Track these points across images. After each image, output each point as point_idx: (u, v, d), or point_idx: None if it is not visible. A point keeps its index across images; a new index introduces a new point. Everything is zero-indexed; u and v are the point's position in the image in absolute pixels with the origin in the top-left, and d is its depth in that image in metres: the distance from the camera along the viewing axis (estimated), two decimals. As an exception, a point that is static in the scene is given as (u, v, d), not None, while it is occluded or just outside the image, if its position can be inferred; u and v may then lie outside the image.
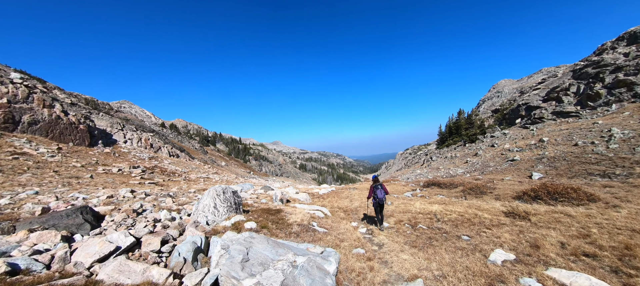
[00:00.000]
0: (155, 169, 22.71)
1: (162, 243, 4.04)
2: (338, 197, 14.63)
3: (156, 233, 4.35)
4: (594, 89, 26.08)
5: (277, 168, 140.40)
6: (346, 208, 10.62)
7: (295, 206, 9.52)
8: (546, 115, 30.20)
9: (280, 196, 10.87)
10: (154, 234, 4.27)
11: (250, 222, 5.57)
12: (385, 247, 6.00)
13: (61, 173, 13.01)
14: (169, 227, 4.86)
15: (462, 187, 16.54)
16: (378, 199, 6.99)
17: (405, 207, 10.37)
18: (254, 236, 4.24)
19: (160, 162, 28.81)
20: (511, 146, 25.64)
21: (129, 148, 31.29)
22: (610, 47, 31.07)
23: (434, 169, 33.90)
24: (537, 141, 23.01)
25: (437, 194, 16.26)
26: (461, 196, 14.88)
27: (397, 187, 20.42)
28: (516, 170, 19.02)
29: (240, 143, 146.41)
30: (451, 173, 25.54)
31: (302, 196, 12.97)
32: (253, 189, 14.16)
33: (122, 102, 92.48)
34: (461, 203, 11.16)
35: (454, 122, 57.38)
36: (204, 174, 29.65)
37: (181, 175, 24.25)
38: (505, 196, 12.58)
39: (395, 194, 17.29)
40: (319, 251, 4.35)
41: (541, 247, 5.45)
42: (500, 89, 65.53)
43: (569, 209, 7.89)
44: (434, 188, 18.40)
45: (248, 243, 3.94)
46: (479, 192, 14.22)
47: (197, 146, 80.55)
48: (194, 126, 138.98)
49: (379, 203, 7.06)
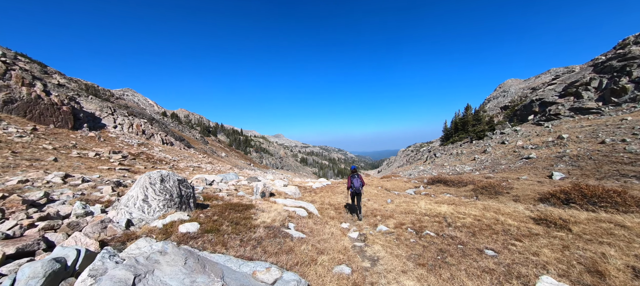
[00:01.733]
0: (140, 156, 21.32)
1: (7, 259, 2.44)
2: (332, 192, 13.04)
3: (17, 238, 2.78)
4: (619, 84, 23.82)
5: (278, 161, 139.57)
6: (338, 206, 9.01)
7: (275, 201, 7.93)
8: (563, 111, 28.04)
9: (262, 189, 9.29)
10: (11, 241, 2.69)
11: (192, 223, 3.98)
12: (380, 264, 4.37)
13: (21, 154, 11.57)
14: (60, 228, 3.29)
15: (472, 185, 14.82)
16: (354, 188, 7.17)
17: (408, 207, 8.72)
18: (167, 250, 2.64)
19: (150, 149, 27.48)
20: (525, 143, 23.68)
21: (118, 133, 30.00)
22: (633, 41, 28.56)
23: (438, 165, 32.07)
24: (555, 138, 21.03)
25: (444, 192, 14.57)
26: (472, 195, 13.19)
27: (398, 183, 18.75)
28: (532, 169, 17.19)
29: (241, 134, 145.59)
30: (458, 170, 23.74)
31: (290, 189, 11.38)
32: (236, 179, 12.61)
33: (125, 90, 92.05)
34: (474, 204, 9.48)
35: (460, 118, 55.09)
36: (196, 163, 28.29)
37: (169, 163, 22.88)
38: (525, 197, 10.85)
39: (396, 190, 15.64)
40: (271, 279, 2.73)
41: (606, 275, 3.78)
42: (507, 88, 63.52)
43: (619, 219, 6.16)
44: (440, 185, 16.70)
45: (147, 266, 2.34)
46: (493, 192, 12.50)
47: (197, 136, 79.51)
48: (196, 116, 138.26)
49: (355, 192, 7.23)
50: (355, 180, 7.18)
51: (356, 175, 7.28)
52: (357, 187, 7.13)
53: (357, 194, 7.28)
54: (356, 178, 7.20)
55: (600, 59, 34.58)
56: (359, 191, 7.15)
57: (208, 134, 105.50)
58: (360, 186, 7.12)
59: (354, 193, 7.29)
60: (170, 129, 57.49)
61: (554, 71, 56.00)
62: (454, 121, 58.68)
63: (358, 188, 7.12)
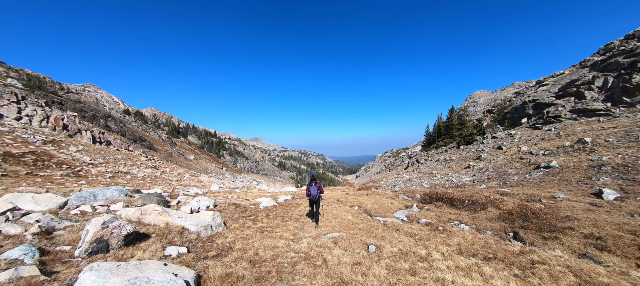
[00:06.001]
0: (36, 157, 13.83)
1: None
2: (279, 217, 6.98)
3: None
4: (632, 81, 20.49)
5: (254, 165, 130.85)
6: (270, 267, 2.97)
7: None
8: (563, 113, 24.51)
9: (100, 233, 3.01)
10: None
11: None
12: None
13: None
14: None
15: (493, 208, 9.48)
16: (312, 196, 7.25)
17: (416, 278, 2.88)
18: None
19: (62, 148, 19.68)
20: (531, 149, 19.36)
21: (16, 126, 21.73)
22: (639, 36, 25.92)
23: (426, 174, 27.25)
24: (574, 142, 16.78)
25: (453, 219, 9.07)
26: (503, 229, 7.76)
27: (381, 200, 13.03)
28: (562, 182, 12.41)
29: (214, 136, 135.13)
30: (454, 181, 18.76)
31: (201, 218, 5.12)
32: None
33: (86, 85, 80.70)
34: (557, 266, 3.91)
35: (444, 122, 51.79)
36: (125, 168, 20.71)
37: (78, 167, 15.50)
38: (614, 241, 5.56)
39: (381, 214, 9.91)
40: None
41: None
42: (476, 99, 64.16)
43: None
44: (442, 205, 11.25)
45: None
46: (547, 227, 7.14)
47: (164, 136, 69.86)
48: (165, 115, 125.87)
49: (313, 200, 7.31)
50: (313, 188, 7.25)
51: (314, 183, 7.34)
52: (314, 195, 7.21)
53: (315, 202, 7.35)
54: (314, 186, 7.27)
55: (592, 60, 32.22)
56: (316, 199, 7.23)
57: (177, 135, 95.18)
58: (317, 194, 7.20)
59: (312, 201, 7.37)
60: (130, 128, 48.44)
61: (517, 84, 57.24)
62: (437, 124, 55.40)
63: (315, 196, 7.21)
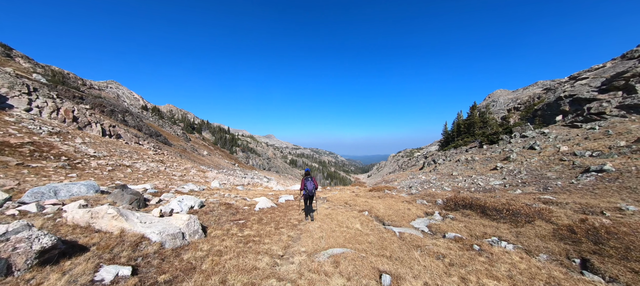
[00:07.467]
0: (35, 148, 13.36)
1: None
2: (274, 223, 5.51)
3: None
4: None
5: (265, 162, 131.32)
6: None
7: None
8: (609, 109, 21.39)
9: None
10: None
11: None
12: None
13: None
14: None
15: (542, 221, 7.47)
16: (307, 191, 7.34)
17: None
18: None
19: (68, 140, 19.47)
20: (573, 149, 16.72)
21: (24, 117, 21.77)
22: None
23: (446, 175, 24.90)
24: (631, 142, 14.10)
25: (487, 233, 7.17)
26: (564, 252, 5.82)
27: (396, 204, 11.24)
28: (625, 189, 10.07)
29: (228, 132, 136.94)
30: (481, 184, 16.53)
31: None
32: None
33: (109, 82, 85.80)
34: None
35: (464, 120, 48.44)
36: (129, 162, 20.13)
37: (78, 159, 14.99)
38: None
39: (396, 223, 8.17)
40: None
41: None
42: (496, 98, 61.06)
43: None
44: (471, 214, 9.30)
45: None
46: (624, 250, 5.16)
47: (179, 132, 71.29)
48: (181, 112, 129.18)
49: (309, 194, 7.40)
50: (309, 183, 7.37)
51: (309, 178, 7.47)
52: (310, 190, 7.33)
53: (309, 197, 7.49)
54: (310, 181, 7.40)
55: (639, 51, 28.27)
56: (312, 193, 7.37)
57: (192, 131, 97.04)
58: (312, 188, 7.34)
59: (307, 196, 7.47)
60: (147, 123, 49.81)
61: (541, 83, 53.20)
62: (456, 122, 52.05)
63: (311, 191, 7.33)
